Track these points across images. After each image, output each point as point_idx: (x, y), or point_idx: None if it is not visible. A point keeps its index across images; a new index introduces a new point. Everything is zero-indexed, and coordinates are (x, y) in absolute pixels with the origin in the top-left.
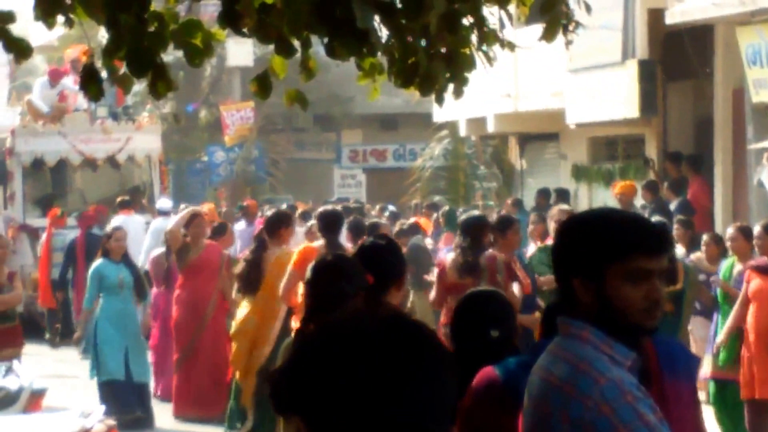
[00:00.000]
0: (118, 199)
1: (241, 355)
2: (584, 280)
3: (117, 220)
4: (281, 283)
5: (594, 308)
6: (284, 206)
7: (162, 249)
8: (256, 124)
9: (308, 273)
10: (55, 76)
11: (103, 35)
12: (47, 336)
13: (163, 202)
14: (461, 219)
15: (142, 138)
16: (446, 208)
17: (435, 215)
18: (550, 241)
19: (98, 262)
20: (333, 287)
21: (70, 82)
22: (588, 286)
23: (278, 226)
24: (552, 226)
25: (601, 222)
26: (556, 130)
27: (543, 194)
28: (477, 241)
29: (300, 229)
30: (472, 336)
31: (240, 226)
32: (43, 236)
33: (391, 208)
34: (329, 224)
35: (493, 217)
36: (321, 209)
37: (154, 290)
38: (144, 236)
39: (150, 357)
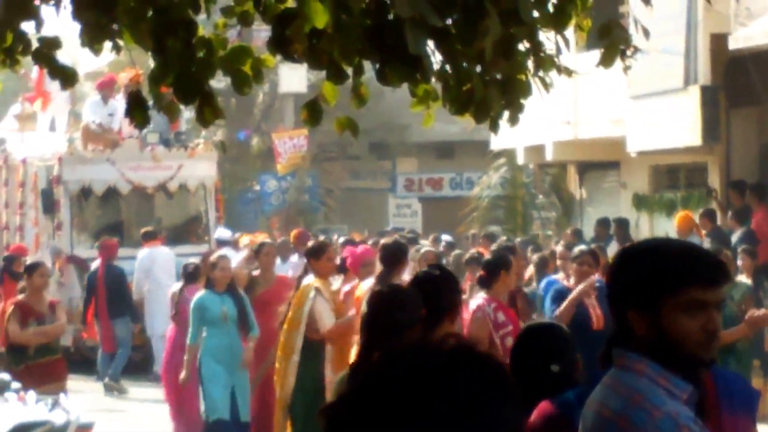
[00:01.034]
0: (143, 231)
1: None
2: (639, 311)
3: (142, 253)
4: (302, 315)
5: (650, 340)
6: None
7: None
8: (309, 152)
9: (364, 305)
10: (105, 88)
11: (151, 61)
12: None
13: (222, 232)
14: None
15: (196, 166)
16: (505, 238)
17: (492, 246)
18: None
19: (201, 293)
20: (388, 319)
21: (122, 108)
22: (643, 317)
23: (311, 256)
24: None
25: (657, 253)
26: (617, 158)
27: (603, 224)
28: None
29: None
30: (533, 370)
31: (295, 258)
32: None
33: (446, 238)
34: (390, 256)
35: (552, 247)
36: (383, 240)
37: None
38: (172, 269)
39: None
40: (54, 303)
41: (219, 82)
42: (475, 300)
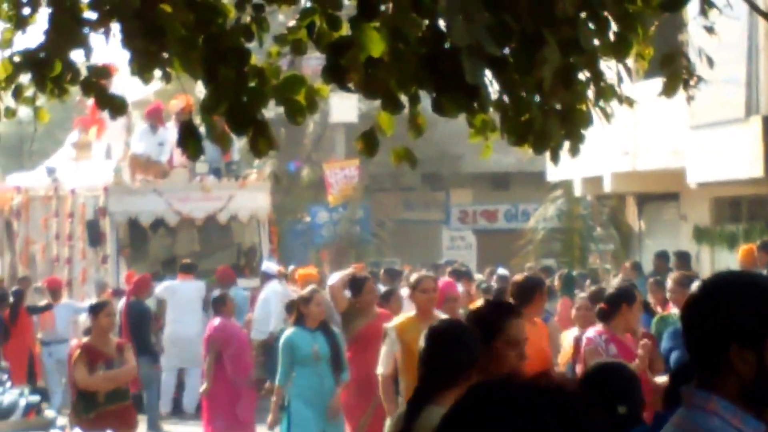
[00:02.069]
0: (183, 261)
1: None
2: (742, 348)
3: (170, 285)
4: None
5: (749, 377)
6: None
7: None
8: (361, 183)
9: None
10: (153, 116)
11: (200, 90)
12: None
13: (269, 265)
14: None
15: (247, 196)
16: (564, 271)
17: (549, 279)
18: (673, 309)
19: (290, 330)
20: (447, 357)
21: (173, 137)
22: (746, 354)
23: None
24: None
25: (758, 286)
26: (677, 190)
27: (662, 257)
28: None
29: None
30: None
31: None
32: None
33: (502, 271)
34: (523, 292)
35: (610, 281)
36: (517, 276)
37: None
38: (198, 304)
39: None
40: (121, 344)
41: (269, 111)
42: (589, 332)
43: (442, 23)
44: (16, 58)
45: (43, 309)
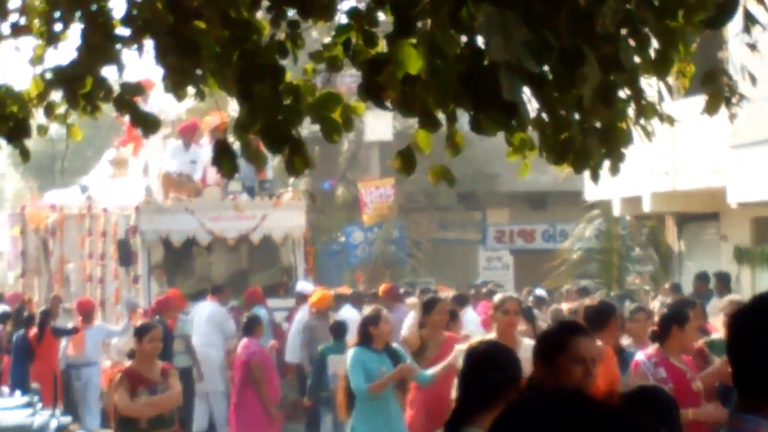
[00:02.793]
0: (213, 285)
1: None
2: None
3: (195, 307)
4: None
5: None
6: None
7: None
8: (396, 202)
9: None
10: (187, 134)
11: (234, 108)
12: None
13: (304, 285)
14: None
15: (281, 216)
16: (602, 292)
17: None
18: (715, 335)
19: (355, 350)
20: (485, 378)
21: (206, 154)
22: None
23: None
24: (721, 318)
25: None
26: (717, 210)
27: (702, 279)
28: None
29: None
30: None
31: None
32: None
33: (539, 291)
34: (597, 319)
35: (649, 303)
36: (588, 303)
37: None
38: (208, 326)
39: None
40: (166, 369)
41: (302, 129)
42: (639, 355)
43: (480, 40)
44: (48, 75)
45: (69, 332)
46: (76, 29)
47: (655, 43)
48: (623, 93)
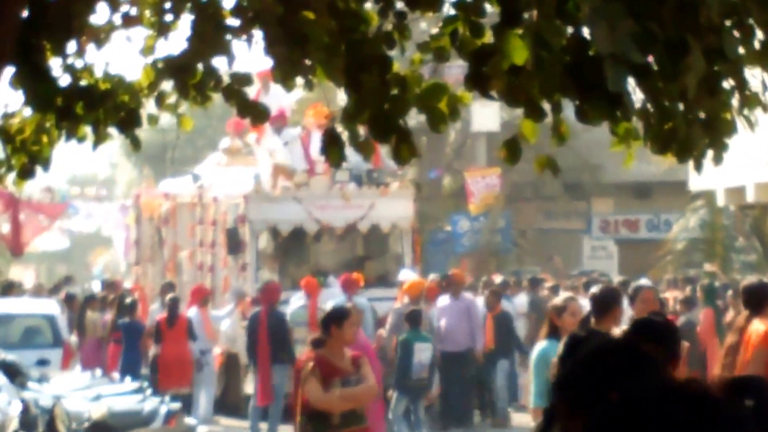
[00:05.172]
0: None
1: None
2: None
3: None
4: None
5: None
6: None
7: None
8: (502, 191)
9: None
10: (276, 122)
11: (341, 98)
12: None
13: (406, 274)
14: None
15: (389, 205)
16: (706, 281)
17: (690, 289)
18: None
19: (543, 344)
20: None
21: (313, 144)
22: None
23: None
24: None
25: None
26: None
27: None
28: None
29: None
30: None
31: (444, 301)
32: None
33: (645, 282)
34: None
35: None
36: (746, 282)
37: None
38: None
39: None
40: (357, 358)
41: (410, 119)
42: None
43: (585, 31)
44: (159, 65)
45: (222, 317)
46: (186, 20)
47: (759, 34)
48: (727, 83)
